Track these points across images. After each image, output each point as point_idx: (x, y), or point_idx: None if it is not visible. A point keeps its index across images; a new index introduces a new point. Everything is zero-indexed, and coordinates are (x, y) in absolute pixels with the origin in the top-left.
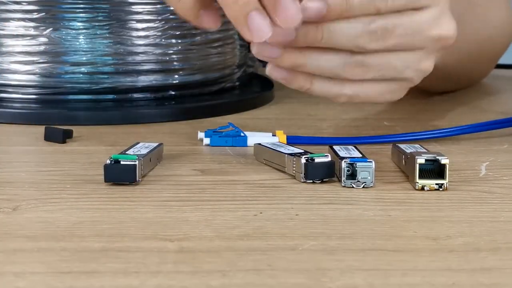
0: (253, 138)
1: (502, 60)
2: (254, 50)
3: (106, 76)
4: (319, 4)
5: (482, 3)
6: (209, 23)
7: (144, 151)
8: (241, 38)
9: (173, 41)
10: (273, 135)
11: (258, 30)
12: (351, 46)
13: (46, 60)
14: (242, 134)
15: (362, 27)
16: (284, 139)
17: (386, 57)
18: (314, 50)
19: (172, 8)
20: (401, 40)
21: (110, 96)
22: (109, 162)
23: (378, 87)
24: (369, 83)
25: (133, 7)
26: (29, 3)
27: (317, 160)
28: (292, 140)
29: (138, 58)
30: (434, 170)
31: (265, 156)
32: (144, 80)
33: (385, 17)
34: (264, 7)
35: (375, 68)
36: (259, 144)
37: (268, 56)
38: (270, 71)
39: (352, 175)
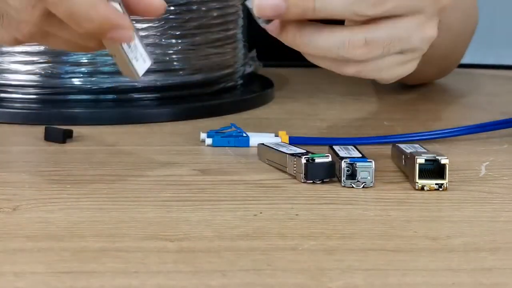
0: (255, 138)
1: (502, 60)
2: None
3: (106, 76)
4: None
5: None
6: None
7: None
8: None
9: (173, 41)
10: (275, 136)
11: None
12: (348, 15)
13: (46, 60)
14: (244, 135)
15: None
16: (286, 139)
17: (388, 27)
18: (311, 27)
19: (172, 8)
20: (399, 2)
21: (110, 96)
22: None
23: (387, 62)
24: (376, 60)
25: None
26: None
27: (317, 160)
28: (294, 141)
29: None
30: (434, 170)
31: (268, 156)
32: (144, 80)
33: None
34: None
35: (379, 45)
36: (263, 144)
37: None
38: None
39: (352, 175)
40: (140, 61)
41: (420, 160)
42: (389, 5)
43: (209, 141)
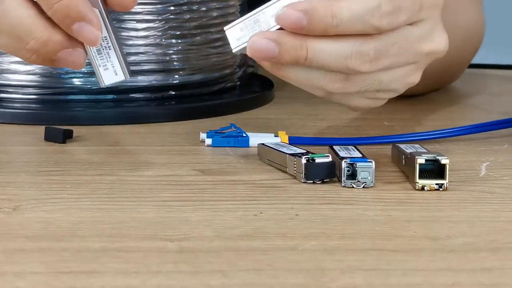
0: (255, 139)
1: (503, 60)
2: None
3: None
4: (297, 14)
5: (455, 8)
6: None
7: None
8: None
9: (173, 41)
10: (275, 136)
11: None
12: (341, 68)
13: None
14: (244, 135)
15: (351, 48)
16: (286, 139)
17: (375, 75)
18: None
19: (172, 8)
20: (395, 59)
21: (110, 96)
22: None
23: (358, 99)
24: (351, 94)
25: None
26: None
27: (317, 160)
28: (294, 141)
29: (138, 58)
30: (434, 170)
31: (268, 156)
32: (144, 80)
33: (379, 37)
34: None
35: (358, 84)
36: (263, 144)
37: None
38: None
39: (352, 175)
40: (110, 71)
41: (420, 160)
42: (386, 62)
43: (208, 141)
